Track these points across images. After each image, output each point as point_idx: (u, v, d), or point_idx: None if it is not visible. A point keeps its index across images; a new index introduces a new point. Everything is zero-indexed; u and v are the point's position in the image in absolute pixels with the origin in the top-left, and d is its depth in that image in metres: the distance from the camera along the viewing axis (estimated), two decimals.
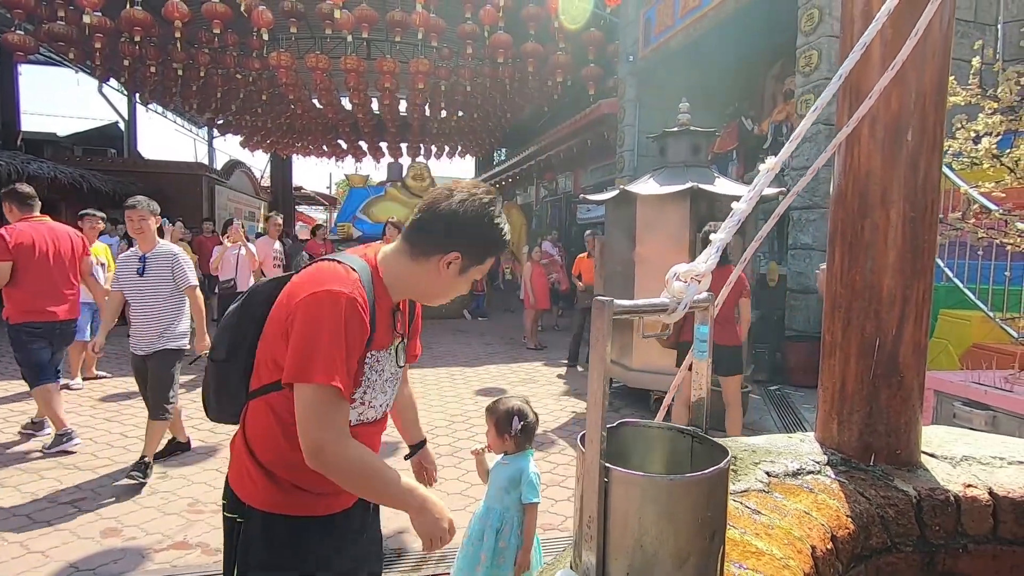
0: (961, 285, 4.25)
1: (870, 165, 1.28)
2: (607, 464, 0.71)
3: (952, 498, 1.19)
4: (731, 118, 9.49)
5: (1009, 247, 3.31)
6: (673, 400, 4.41)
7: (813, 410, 3.61)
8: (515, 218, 16.04)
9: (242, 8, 8.35)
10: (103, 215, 5.58)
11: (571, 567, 0.79)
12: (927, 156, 1.25)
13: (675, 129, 5.06)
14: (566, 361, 6.87)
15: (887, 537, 1.14)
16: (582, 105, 11.18)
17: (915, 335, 1.27)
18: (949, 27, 1.25)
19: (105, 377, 5.85)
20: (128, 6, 8.80)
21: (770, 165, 0.78)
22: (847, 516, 1.11)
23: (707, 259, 0.77)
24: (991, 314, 3.93)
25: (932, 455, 1.35)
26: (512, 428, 1.94)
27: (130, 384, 5.62)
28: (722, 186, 4.68)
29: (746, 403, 4.75)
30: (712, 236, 0.78)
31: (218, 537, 2.74)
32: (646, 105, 9.69)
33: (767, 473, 1.22)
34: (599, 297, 0.70)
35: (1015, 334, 3.70)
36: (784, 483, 1.20)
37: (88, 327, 5.48)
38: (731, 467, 1.27)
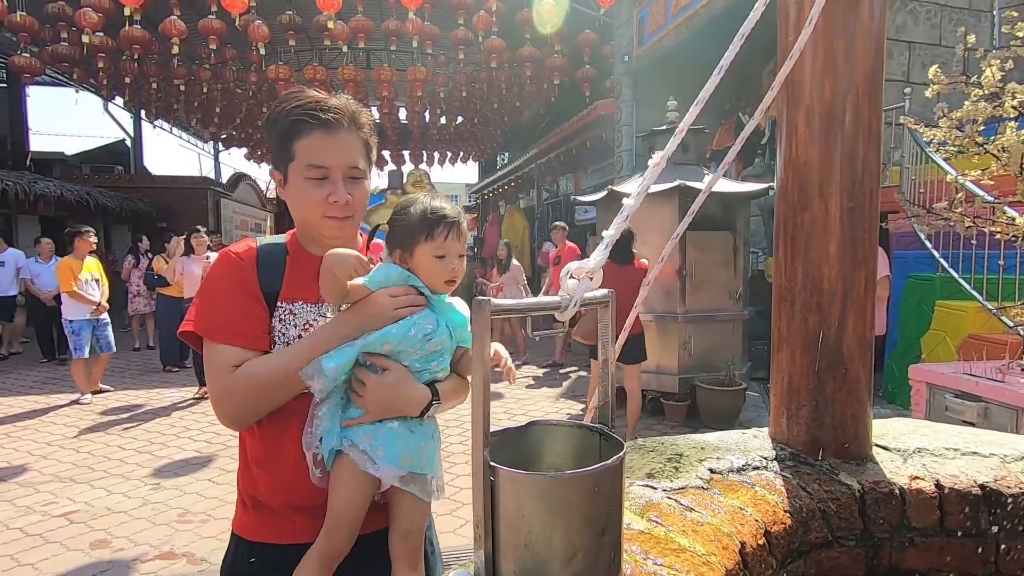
0: (956, 275, 4.20)
1: (807, 156, 1.27)
2: (492, 463, 0.71)
3: (897, 491, 1.17)
4: (728, 115, 9.45)
5: (998, 235, 3.26)
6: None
7: None
8: (518, 221, 16.06)
9: (236, 24, 8.46)
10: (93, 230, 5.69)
11: (473, 569, 0.79)
12: (864, 146, 1.24)
13: (663, 128, 5.04)
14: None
15: (828, 532, 1.13)
16: (580, 107, 11.19)
17: (858, 327, 1.26)
18: (881, 18, 1.24)
19: (108, 391, 5.93)
20: (126, 25, 8.94)
21: (656, 159, 0.78)
22: (784, 511, 1.10)
23: (597, 256, 0.77)
24: (986, 304, 3.87)
25: (885, 447, 1.34)
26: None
27: (131, 398, 5.70)
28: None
29: (743, 400, 4.71)
30: (604, 232, 0.78)
31: (204, 546, 2.77)
32: (643, 105, 9.67)
33: (711, 470, 1.21)
34: (479, 297, 0.70)
35: (1010, 323, 3.64)
36: (727, 479, 1.19)
37: (87, 345, 5.53)
38: (677, 464, 1.27)
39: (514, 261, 7.00)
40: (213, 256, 5.55)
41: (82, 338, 5.46)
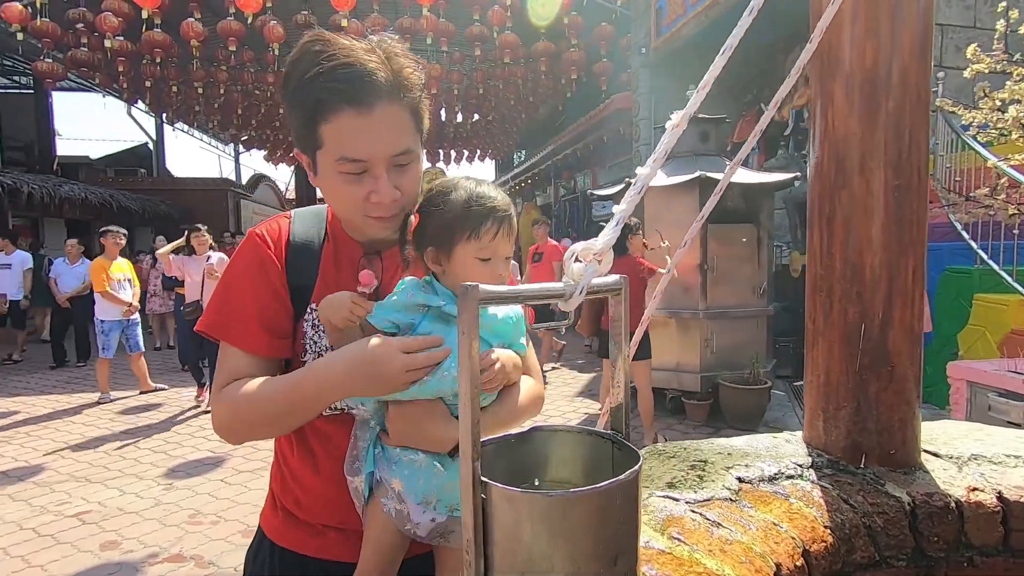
0: (996, 267, 3.98)
1: (847, 129, 1.14)
2: (484, 479, 0.61)
3: (953, 504, 1.04)
4: (751, 106, 9.19)
5: None
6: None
7: None
8: (534, 218, 15.93)
9: (248, 24, 8.49)
10: (124, 231, 5.75)
11: None
12: (911, 116, 1.11)
13: None
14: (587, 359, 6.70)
15: (874, 551, 1.00)
16: (597, 102, 11.02)
17: (906, 318, 1.13)
18: None
19: (163, 389, 6.01)
20: (146, 29, 9.02)
21: (676, 121, 0.66)
22: (825, 527, 0.98)
23: (607, 235, 0.65)
24: None
25: (935, 454, 1.20)
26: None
27: (149, 397, 5.73)
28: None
29: (768, 399, 4.54)
30: (614, 208, 0.67)
31: (213, 549, 2.72)
32: (661, 98, 9.46)
33: (739, 479, 1.09)
34: (466, 283, 0.60)
35: None
36: (757, 490, 1.06)
37: (114, 345, 5.59)
38: (701, 473, 1.15)
39: None
40: (215, 257, 5.42)
41: (111, 338, 5.51)
